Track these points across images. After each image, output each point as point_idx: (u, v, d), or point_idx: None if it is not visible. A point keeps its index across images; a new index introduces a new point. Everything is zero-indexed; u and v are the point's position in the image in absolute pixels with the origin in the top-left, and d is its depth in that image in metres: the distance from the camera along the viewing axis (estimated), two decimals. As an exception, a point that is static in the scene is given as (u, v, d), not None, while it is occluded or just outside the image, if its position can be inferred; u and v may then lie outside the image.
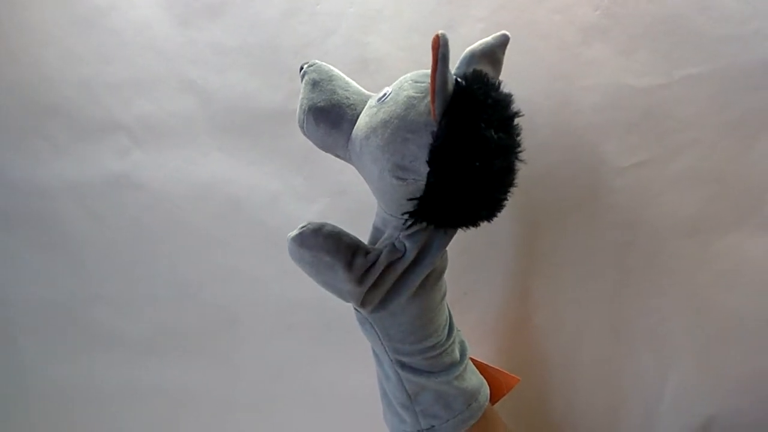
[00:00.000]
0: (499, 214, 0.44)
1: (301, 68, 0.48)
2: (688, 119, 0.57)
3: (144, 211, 0.71)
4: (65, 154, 0.72)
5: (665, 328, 0.61)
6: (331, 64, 0.59)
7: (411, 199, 0.43)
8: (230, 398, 0.73)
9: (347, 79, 0.49)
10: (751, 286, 0.58)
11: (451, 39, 0.48)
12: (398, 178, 0.43)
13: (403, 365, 0.49)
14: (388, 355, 0.49)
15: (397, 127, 0.42)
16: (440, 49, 0.38)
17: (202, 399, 0.74)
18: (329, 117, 0.46)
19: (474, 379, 0.52)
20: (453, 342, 0.51)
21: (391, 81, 0.48)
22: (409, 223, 0.44)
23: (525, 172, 0.57)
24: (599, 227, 0.60)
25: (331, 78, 0.48)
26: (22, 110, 0.73)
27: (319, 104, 0.46)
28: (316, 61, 0.48)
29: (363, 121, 0.45)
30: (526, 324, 0.64)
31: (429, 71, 0.43)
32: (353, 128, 0.46)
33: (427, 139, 0.41)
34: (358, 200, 0.62)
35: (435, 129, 0.40)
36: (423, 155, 0.41)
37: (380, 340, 0.49)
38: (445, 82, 0.40)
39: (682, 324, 0.60)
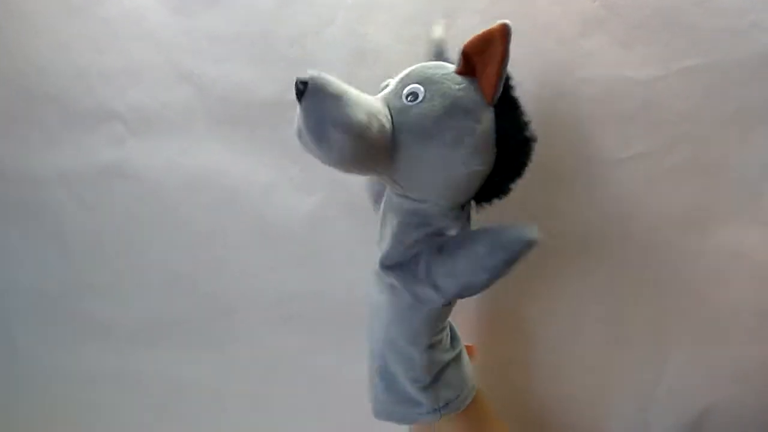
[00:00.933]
0: None
1: (304, 84, 0.40)
2: (685, 111, 0.57)
3: (138, 200, 0.70)
4: (58, 143, 0.72)
5: (661, 319, 0.61)
6: (329, 55, 0.59)
7: (490, 183, 0.46)
8: (224, 389, 0.73)
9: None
10: (747, 278, 0.58)
11: (449, 30, 0.48)
12: (477, 165, 0.44)
13: (432, 346, 0.50)
14: (425, 339, 0.50)
15: (463, 118, 0.43)
16: (508, 38, 0.41)
17: (196, 389, 0.74)
18: (372, 130, 0.42)
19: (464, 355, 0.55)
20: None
21: (389, 72, 0.48)
22: (463, 208, 0.48)
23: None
24: (596, 218, 0.60)
25: (345, 88, 0.42)
26: (15, 99, 0.72)
27: (360, 118, 0.41)
28: (313, 72, 0.41)
29: (410, 122, 0.43)
30: (522, 316, 0.64)
31: (438, 62, 0.46)
32: (389, 135, 0.43)
33: (488, 124, 0.43)
34: (354, 192, 0.62)
35: (491, 114, 0.44)
36: (491, 140, 0.44)
37: (429, 324, 0.49)
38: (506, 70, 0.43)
39: (677, 315, 0.61)
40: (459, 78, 0.44)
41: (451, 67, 0.45)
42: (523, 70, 0.58)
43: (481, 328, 0.53)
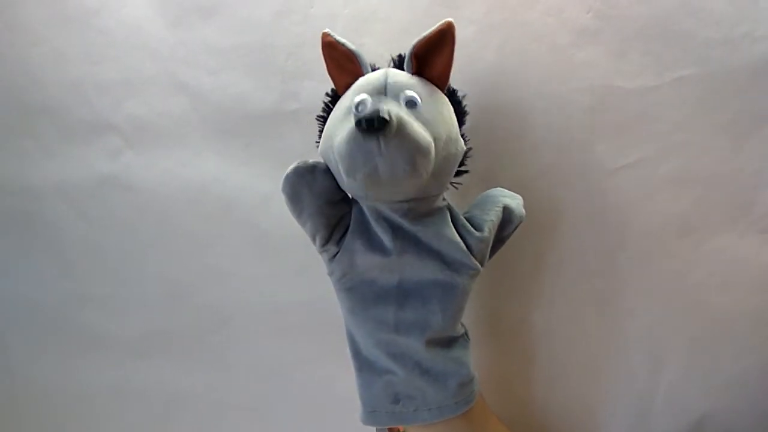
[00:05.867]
0: None
1: (382, 120, 0.39)
2: (679, 121, 0.57)
3: (135, 212, 0.70)
4: (55, 155, 0.71)
5: (657, 327, 0.61)
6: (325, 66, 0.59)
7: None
8: (222, 400, 0.73)
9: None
10: (742, 286, 0.59)
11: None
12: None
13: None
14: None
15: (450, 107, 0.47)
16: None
17: (194, 401, 0.73)
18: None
19: None
20: None
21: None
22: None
23: (517, 173, 0.57)
24: (591, 228, 0.60)
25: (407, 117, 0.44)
26: (10, 110, 0.72)
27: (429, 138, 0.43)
28: (384, 108, 0.39)
29: (440, 129, 0.44)
30: (518, 324, 0.64)
31: (394, 70, 0.47)
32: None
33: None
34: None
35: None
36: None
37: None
38: None
39: (674, 324, 0.61)
40: (417, 78, 0.46)
41: (404, 72, 0.47)
42: (517, 80, 0.59)
43: (481, 340, 0.53)
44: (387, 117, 0.38)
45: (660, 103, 0.57)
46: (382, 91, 0.44)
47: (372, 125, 0.38)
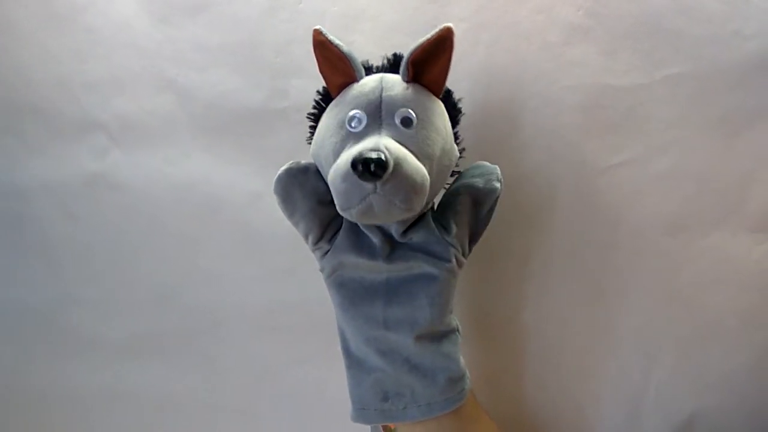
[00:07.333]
0: None
1: (383, 166, 0.38)
2: (670, 118, 0.57)
3: (123, 211, 0.70)
4: (41, 153, 0.71)
5: (648, 326, 0.61)
6: (315, 64, 0.59)
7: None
8: (213, 402, 0.72)
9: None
10: (733, 285, 0.59)
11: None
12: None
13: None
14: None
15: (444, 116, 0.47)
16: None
17: (185, 403, 0.73)
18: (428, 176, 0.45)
19: None
20: None
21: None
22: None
23: (508, 172, 0.57)
24: (582, 226, 0.60)
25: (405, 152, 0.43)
26: (-3, 109, 0.71)
27: (425, 171, 0.43)
28: (383, 151, 0.38)
29: (435, 146, 0.44)
30: (509, 322, 0.64)
31: (388, 77, 0.45)
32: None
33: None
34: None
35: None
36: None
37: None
38: None
39: (664, 322, 0.61)
40: (413, 87, 0.45)
41: (398, 78, 0.45)
42: (507, 78, 0.59)
43: (471, 337, 0.53)
44: (384, 159, 0.37)
45: (650, 101, 0.57)
46: (378, 107, 0.43)
47: (369, 169, 0.37)
